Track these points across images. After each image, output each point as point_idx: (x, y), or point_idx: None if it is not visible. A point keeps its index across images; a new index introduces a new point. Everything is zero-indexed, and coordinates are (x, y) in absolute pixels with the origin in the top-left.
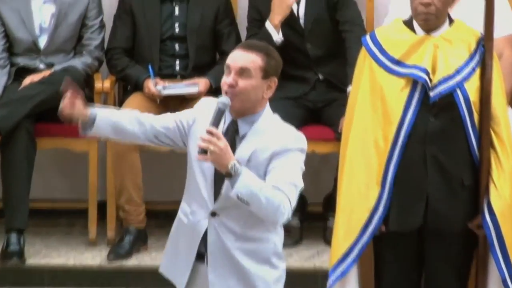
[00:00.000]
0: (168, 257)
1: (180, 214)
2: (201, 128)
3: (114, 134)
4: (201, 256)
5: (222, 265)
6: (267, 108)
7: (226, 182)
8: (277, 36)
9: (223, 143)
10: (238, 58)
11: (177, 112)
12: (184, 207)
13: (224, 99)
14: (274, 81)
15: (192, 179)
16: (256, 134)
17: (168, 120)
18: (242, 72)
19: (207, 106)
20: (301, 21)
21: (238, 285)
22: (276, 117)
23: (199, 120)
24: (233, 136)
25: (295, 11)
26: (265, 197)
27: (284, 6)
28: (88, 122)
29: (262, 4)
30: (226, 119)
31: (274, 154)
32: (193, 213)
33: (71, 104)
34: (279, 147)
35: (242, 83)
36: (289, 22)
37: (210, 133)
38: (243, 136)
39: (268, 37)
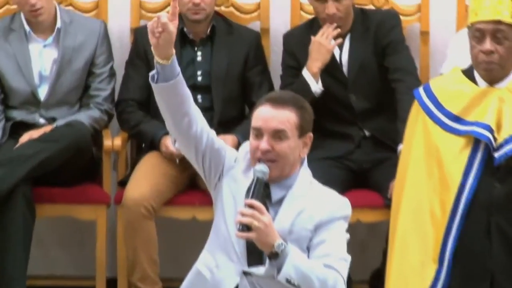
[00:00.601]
0: None
1: (199, 266)
2: (239, 177)
3: (178, 106)
4: None
5: None
6: (303, 168)
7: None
8: (316, 86)
9: (268, 218)
10: (270, 118)
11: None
12: (207, 258)
13: (262, 167)
14: (310, 137)
15: (223, 227)
16: (294, 201)
17: (222, 144)
18: (277, 134)
19: (244, 153)
20: (344, 68)
21: None
22: (311, 178)
23: (239, 167)
24: (263, 202)
25: (337, 58)
26: (318, 278)
27: (324, 51)
28: (168, 68)
29: (298, 50)
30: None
31: (319, 225)
32: (219, 268)
33: (164, 25)
34: (325, 217)
35: (279, 147)
36: (330, 70)
37: (251, 206)
38: (278, 203)
39: (305, 87)
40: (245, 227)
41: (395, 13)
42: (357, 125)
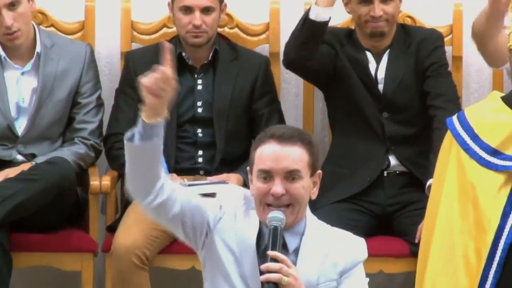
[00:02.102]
0: None
1: None
2: (237, 225)
3: (152, 167)
4: None
5: None
6: (308, 211)
7: None
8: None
9: (296, 271)
10: (280, 158)
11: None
12: None
13: (278, 214)
14: (319, 175)
15: None
16: (311, 249)
17: (197, 198)
18: (290, 175)
19: (232, 198)
20: (380, 86)
21: None
22: (318, 220)
23: (228, 215)
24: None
25: (373, 73)
26: None
27: None
28: (156, 126)
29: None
30: (263, 232)
31: (343, 272)
32: None
33: (166, 82)
34: (349, 263)
35: (294, 189)
36: (366, 83)
37: (275, 260)
38: (294, 252)
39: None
40: (273, 285)
41: (440, 34)
42: (386, 149)
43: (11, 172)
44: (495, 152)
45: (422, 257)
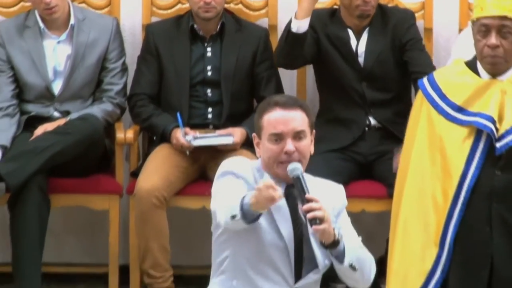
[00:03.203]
0: None
1: None
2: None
3: None
4: None
5: None
6: None
7: (314, 253)
8: (296, 24)
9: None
10: (288, 121)
11: (233, 187)
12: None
13: (296, 165)
14: (314, 134)
15: (261, 255)
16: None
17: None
18: (298, 135)
19: (242, 167)
20: (360, 59)
21: None
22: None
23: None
24: (295, 203)
25: (354, 48)
26: (364, 258)
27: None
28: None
29: (318, 26)
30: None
31: (338, 214)
32: None
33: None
34: (340, 205)
35: (301, 146)
36: (346, 59)
37: (312, 200)
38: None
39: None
40: (317, 221)
41: (412, 13)
42: (366, 112)
43: (49, 127)
44: (460, 109)
45: (396, 198)
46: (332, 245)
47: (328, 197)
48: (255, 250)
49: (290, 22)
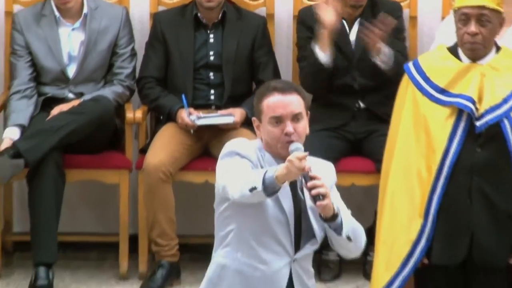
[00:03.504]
0: None
1: (240, 267)
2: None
3: None
4: None
5: None
6: None
7: (312, 226)
8: (324, 56)
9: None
10: (287, 104)
11: (243, 165)
12: (244, 260)
13: (297, 145)
14: (309, 115)
15: (262, 230)
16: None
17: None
18: (296, 117)
19: (246, 148)
20: (352, 46)
21: None
22: None
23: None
24: (295, 182)
25: (348, 33)
26: (358, 229)
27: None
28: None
29: (312, 20)
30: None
31: (330, 189)
32: (266, 263)
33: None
34: (331, 182)
35: (299, 128)
36: (340, 44)
37: (315, 178)
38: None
39: (314, 60)
40: (320, 197)
41: (400, 5)
42: (355, 98)
43: (64, 107)
44: (442, 91)
45: (384, 173)
46: (331, 219)
47: (322, 175)
48: (259, 224)
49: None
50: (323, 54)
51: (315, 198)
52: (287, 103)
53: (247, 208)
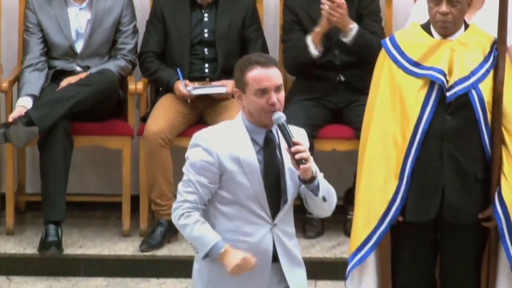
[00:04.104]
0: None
1: (228, 242)
2: (228, 155)
3: None
4: None
5: (287, 260)
6: None
7: (287, 192)
8: (315, 51)
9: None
10: (270, 77)
11: (201, 179)
12: (230, 236)
13: (280, 114)
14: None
15: (239, 207)
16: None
17: (207, 191)
18: (278, 88)
19: (209, 139)
20: (332, 25)
21: (297, 269)
22: None
23: (220, 153)
24: (274, 147)
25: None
26: (331, 190)
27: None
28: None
29: (296, 5)
30: (253, 133)
31: None
32: (250, 235)
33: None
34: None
35: (281, 97)
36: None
37: (297, 144)
38: (279, 144)
39: (304, 50)
40: (303, 161)
41: None
42: (336, 72)
43: (72, 79)
44: (416, 64)
45: (363, 139)
46: (310, 181)
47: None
48: (236, 205)
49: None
50: (315, 49)
51: (298, 162)
52: (270, 75)
53: (221, 193)
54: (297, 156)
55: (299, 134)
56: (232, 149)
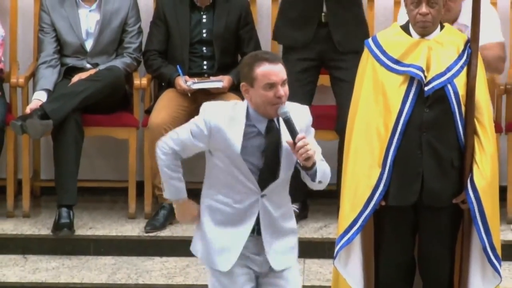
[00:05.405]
0: (211, 244)
1: (217, 205)
2: (231, 132)
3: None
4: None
5: (271, 230)
6: None
7: (280, 171)
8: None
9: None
10: (278, 72)
11: (190, 136)
12: (221, 199)
13: (285, 108)
14: None
15: (231, 178)
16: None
17: (193, 147)
18: (284, 82)
19: (217, 110)
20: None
21: (281, 239)
22: None
23: (223, 127)
24: (278, 135)
25: None
26: (326, 171)
27: None
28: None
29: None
30: (256, 121)
31: (305, 130)
32: (239, 202)
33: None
34: (307, 122)
35: (287, 90)
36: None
37: (301, 138)
38: (279, 130)
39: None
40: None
41: None
42: (321, 9)
43: (82, 75)
44: (397, 62)
45: (349, 130)
46: (310, 168)
47: (297, 118)
48: (228, 176)
49: None
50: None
51: (304, 156)
52: (278, 71)
53: (217, 162)
54: (301, 151)
55: (301, 112)
56: (226, 127)
